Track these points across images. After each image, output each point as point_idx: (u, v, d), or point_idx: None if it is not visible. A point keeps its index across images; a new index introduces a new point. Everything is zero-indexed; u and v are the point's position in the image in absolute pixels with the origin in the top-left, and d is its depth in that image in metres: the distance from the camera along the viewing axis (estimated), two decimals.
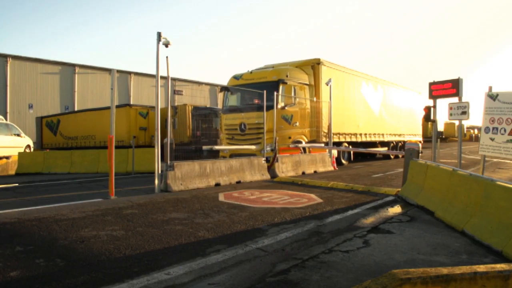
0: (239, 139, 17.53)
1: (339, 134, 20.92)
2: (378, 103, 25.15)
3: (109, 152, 9.88)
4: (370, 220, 7.54)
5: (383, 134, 25.48)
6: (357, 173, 17.09)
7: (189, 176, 11.49)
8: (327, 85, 18.98)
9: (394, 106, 27.32)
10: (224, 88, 19.16)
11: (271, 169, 14.70)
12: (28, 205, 8.87)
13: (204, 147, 14.54)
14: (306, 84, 18.82)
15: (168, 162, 11.06)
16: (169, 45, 11.09)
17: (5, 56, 42.70)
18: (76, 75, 47.13)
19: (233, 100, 18.97)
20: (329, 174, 16.36)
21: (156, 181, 10.65)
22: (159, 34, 10.88)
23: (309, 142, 18.40)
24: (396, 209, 8.68)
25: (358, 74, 23.31)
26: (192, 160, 12.11)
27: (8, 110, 41.65)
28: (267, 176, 14.22)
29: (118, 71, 47.73)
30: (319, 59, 19.39)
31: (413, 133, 30.29)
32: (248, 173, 13.56)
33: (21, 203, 9.54)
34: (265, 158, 14.59)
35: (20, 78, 43.44)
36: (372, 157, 27.91)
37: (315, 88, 19.28)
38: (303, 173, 16.11)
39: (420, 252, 5.46)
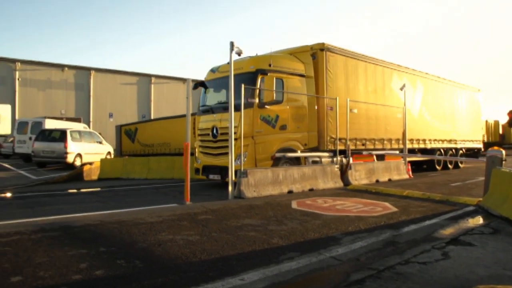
0: (211, 146, 14.11)
1: (356, 139, 16.72)
2: (417, 102, 21.02)
3: (185, 158, 10.17)
4: (449, 231, 7.22)
5: (424, 140, 21.13)
6: (433, 181, 16.46)
7: (262, 183, 11.57)
8: (401, 89, 18.08)
9: (441, 106, 23.00)
10: (197, 84, 15.46)
11: (344, 176, 14.49)
12: (109, 209, 9.30)
13: (277, 154, 13.94)
14: (301, 75, 14.65)
15: (242, 169, 11.20)
16: (241, 54, 11.27)
17: (88, 69, 45.27)
18: (152, 85, 49.00)
19: (208, 99, 15.21)
20: (404, 182, 15.87)
21: (230, 188, 10.81)
22: (232, 44, 11.06)
23: (307, 150, 14.59)
24: (477, 220, 8.26)
25: (386, 64, 18.99)
26: (265, 167, 12.20)
27: (91, 119, 44.04)
28: (340, 183, 14.03)
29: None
30: (323, 44, 15.24)
31: (469, 139, 25.50)
32: (320, 180, 13.45)
33: (103, 206, 10.02)
34: (338, 166, 14.38)
35: (101, 89, 45.89)
36: (430, 167, 23.24)
37: (317, 81, 15.12)
38: (377, 181, 15.73)
39: (506, 267, 5.14)
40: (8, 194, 12.44)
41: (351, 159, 14.99)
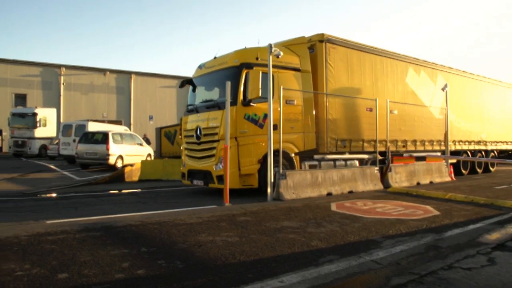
0: (195, 149, 12.99)
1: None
2: (437, 100, 18.78)
3: (225, 161, 10.25)
4: (495, 236, 6.99)
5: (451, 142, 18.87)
6: (477, 184, 16.00)
7: (301, 185, 11.53)
8: (443, 90, 17.50)
9: (467, 104, 20.89)
10: (184, 82, 14.46)
11: (384, 179, 14.27)
12: (149, 209, 9.46)
13: (316, 156, 13.39)
14: (296, 70, 13.12)
15: (281, 171, 11.20)
16: (280, 56, 11.27)
17: (129, 73, 46.33)
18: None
19: (195, 97, 13.95)
20: (446, 185, 15.48)
21: (269, 190, 10.82)
22: (270, 46, 11.08)
23: (302, 152, 13.11)
24: None
25: (399, 57, 17.04)
26: (304, 169, 12.17)
27: (131, 122, 44.98)
28: (380, 186, 13.82)
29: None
30: (322, 35, 13.71)
31: (502, 140, 23.29)
32: (360, 182, 13.29)
33: (144, 207, 10.20)
34: (378, 168, 14.16)
35: (141, 92, 46.90)
36: (456, 172, 19.43)
37: (315, 76, 13.58)
38: (418, 183, 15.41)
39: None
40: (54, 194, 12.84)
41: (390, 161, 14.73)
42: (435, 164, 17.00)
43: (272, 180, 10.97)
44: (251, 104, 11.91)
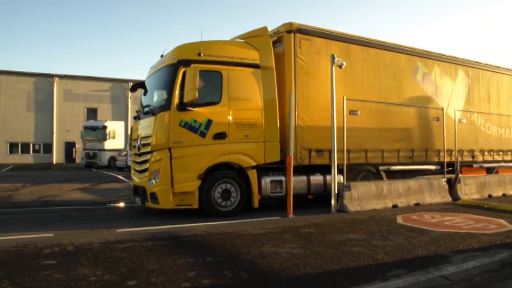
0: (136, 161, 11.40)
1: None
2: (458, 101, 15.63)
3: (288, 172, 10.25)
4: None
5: (471, 151, 15.84)
6: None
7: (365, 196, 11.31)
8: None
9: (498, 106, 17.21)
10: (136, 86, 12.16)
11: (452, 191, 13.72)
12: (214, 220, 9.57)
13: (381, 168, 13.01)
14: (254, 66, 10.97)
15: (345, 182, 11.04)
16: (343, 66, 11.16)
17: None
18: None
19: (144, 101, 11.80)
20: None
21: (333, 201, 10.70)
22: (333, 56, 11.01)
23: (263, 164, 10.94)
24: None
25: (403, 50, 14.11)
26: (368, 181, 11.90)
27: None
28: (448, 198, 13.29)
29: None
30: (290, 24, 11.46)
31: None
32: (427, 194, 12.84)
33: (207, 217, 10.28)
34: (445, 179, 13.63)
35: None
36: None
37: (282, 73, 11.44)
38: (490, 195, 14.67)
39: None
40: (121, 204, 13.30)
41: (459, 171, 14.15)
42: (509, 176, 16.13)
43: (336, 191, 10.82)
44: (189, 108, 9.96)
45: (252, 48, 11.17)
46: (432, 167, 14.33)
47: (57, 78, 48.11)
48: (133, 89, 12.17)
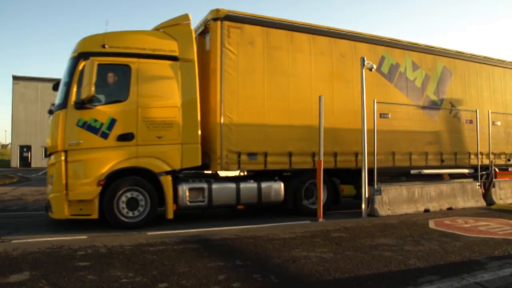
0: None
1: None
2: (436, 97, 13.62)
3: (318, 175, 10.19)
4: None
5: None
6: None
7: (396, 201, 11.16)
8: None
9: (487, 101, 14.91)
10: (55, 85, 10.45)
11: (487, 195, 13.40)
12: (244, 224, 9.58)
13: (413, 171, 12.61)
14: (171, 58, 9.73)
15: (375, 186, 10.92)
16: (373, 69, 11.05)
17: None
18: None
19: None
20: None
21: (363, 205, 10.60)
22: (363, 59, 10.91)
23: (183, 170, 9.91)
24: None
25: (359, 36, 12.26)
26: (400, 185, 11.72)
27: None
28: (482, 203, 12.99)
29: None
30: (217, 11, 10.14)
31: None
32: (460, 199, 12.58)
33: (237, 221, 10.29)
34: (479, 183, 13.31)
35: None
36: None
37: (206, 67, 10.38)
38: None
39: None
40: None
41: (493, 175, 13.79)
42: None
43: (367, 195, 10.72)
44: (89, 106, 8.88)
45: (169, 38, 9.89)
46: (465, 170, 13.91)
47: None
48: (55, 87, 10.39)
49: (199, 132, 9.84)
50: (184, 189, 9.64)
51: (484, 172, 13.85)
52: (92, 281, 4.96)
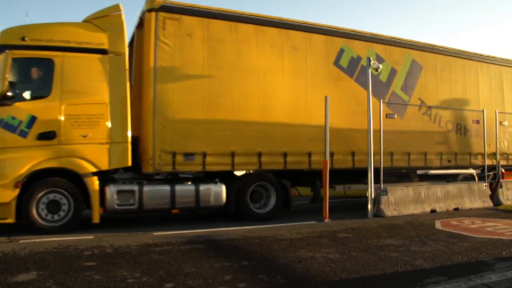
0: None
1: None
2: (407, 90, 12.69)
3: (324, 176, 10.16)
4: None
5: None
6: None
7: (403, 201, 11.13)
8: None
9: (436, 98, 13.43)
10: None
11: (494, 195, 13.34)
12: (250, 224, 9.58)
13: (419, 172, 12.46)
14: (99, 52, 9.12)
15: (382, 186, 10.88)
16: (379, 70, 11.03)
17: None
18: None
19: None
20: None
21: (369, 206, 10.58)
22: (369, 59, 10.89)
23: (107, 171, 9.14)
24: None
25: (315, 27, 11.43)
26: (406, 185, 11.69)
27: None
28: (489, 203, 12.93)
29: None
30: (152, 1, 9.52)
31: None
32: (467, 199, 12.53)
33: (243, 221, 10.28)
34: (486, 184, 13.23)
35: None
36: None
37: (139, 61, 10.03)
38: None
39: None
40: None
41: (500, 175, 13.72)
42: None
43: (373, 196, 10.69)
44: (5, 103, 8.28)
45: (98, 30, 9.25)
46: (472, 171, 13.81)
47: None
48: None
49: (129, 130, 9.21)
50: (112, 192, 8.99)
51: (491, 173, 13.76)
52: (98, 281, 4.98)
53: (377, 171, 10.90)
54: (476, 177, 13.70)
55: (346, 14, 62.09)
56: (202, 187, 9.75)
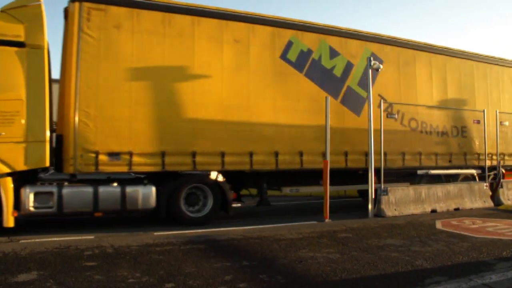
0: None
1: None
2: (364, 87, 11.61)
3: (324, 176, 10.17)
4: None
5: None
6: None
7: (403, 201, 11.13)
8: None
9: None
10: None
11: (494, 195, 13.33)
12: (250, 224, 9.59)
13: (420, 172, 12.38)
14: (15, 44, 8.36)
15: (382, 186, 10.88)
16: (380, 69, 11.03)
17: None
18: None
19: None
20: None
21: (370, 206, 10.57)
22: (369, 59, 10.89)
23: (30, 171, 8.50)
24: None
25: (260, 18, 10.75)
26: (406, 185, 11.69)
27: None
28: (489, 203, 12.92)
29: None
30: None
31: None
32: (467, 199, 12.52)
33: (243, 222, 10.30)
34: (487, 184, 13.22)
35: None
36: None
37: (63, 55, 9.35)
38: None
39: None
40: None
41: (501, 175, 13.71)
42: None
43: (373, 196, 10.69)
44: None
45: (14, 21, 8.48)
46: (473, 171, 13.77)
47: None
48: None
49: (47, 129, 8.53)
50: (27, 193, 8.32)
51: (491, 173, 13.75)
52: (99, 281, 4.98)
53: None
54: (477, 177, 13.71)
55: (346, 14, 62.21)
56: (129, 189, 9.15)
